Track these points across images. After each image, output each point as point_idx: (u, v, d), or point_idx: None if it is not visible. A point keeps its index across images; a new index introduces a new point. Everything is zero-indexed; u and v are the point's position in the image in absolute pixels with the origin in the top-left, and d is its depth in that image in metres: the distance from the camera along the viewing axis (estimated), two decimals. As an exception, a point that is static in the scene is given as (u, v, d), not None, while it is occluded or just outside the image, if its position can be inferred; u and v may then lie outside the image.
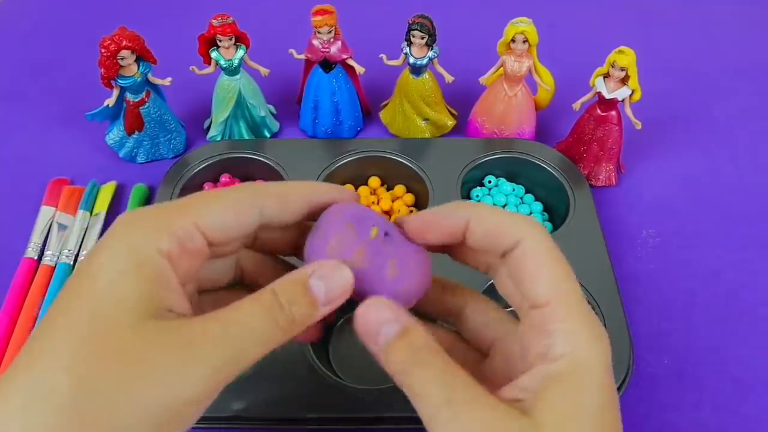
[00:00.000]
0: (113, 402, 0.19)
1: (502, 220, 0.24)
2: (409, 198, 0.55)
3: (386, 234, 0.26)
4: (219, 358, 0.21)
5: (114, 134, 0.58)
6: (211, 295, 0.28)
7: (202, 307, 0.24)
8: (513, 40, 0.53)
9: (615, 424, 0.21)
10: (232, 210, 0.24)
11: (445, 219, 0.25)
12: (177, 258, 0.23)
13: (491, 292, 0.47)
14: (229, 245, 0.25)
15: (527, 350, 0.23)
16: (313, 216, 0.27)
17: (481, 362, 0.27)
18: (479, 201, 0.55)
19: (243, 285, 0.29)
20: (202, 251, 0.24)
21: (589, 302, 0.45)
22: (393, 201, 0.55)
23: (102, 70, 0.52)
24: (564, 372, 0.21)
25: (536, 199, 0.55)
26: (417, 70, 0.56)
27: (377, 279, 0.25)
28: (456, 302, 0.26)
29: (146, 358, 0.20)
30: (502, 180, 0.56)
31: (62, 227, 0.52)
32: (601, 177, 0.57)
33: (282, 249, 0.29)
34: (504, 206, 0.54)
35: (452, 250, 0.27)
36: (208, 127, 0.61)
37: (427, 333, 0.23)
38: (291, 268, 0.28)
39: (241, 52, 0.55)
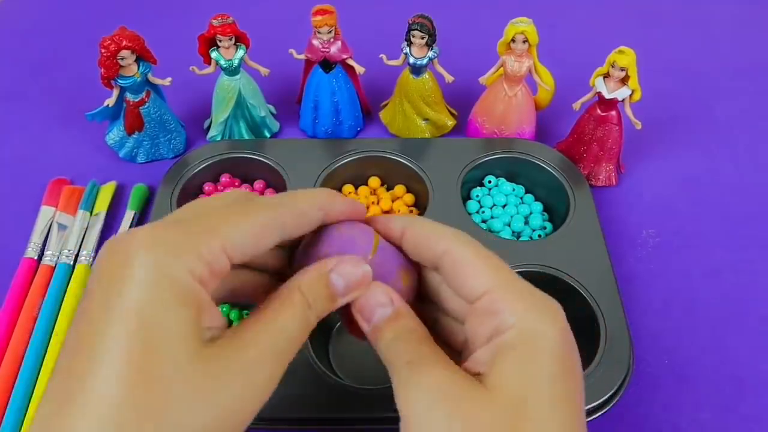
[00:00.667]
0: (164, 427, 0.20)
1: (430, 231, 0.26)
2: (409, 198, 0.55)
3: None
4: (275, 369, 0.23)
5: (114, 134, 0.58)
6: None
7: None
8: (513, 40, 0.53)
9: (570, 394, 0.22)
10: (258, 233, 0.24)
11: (383, 227, 0.27)
12: (207, 281, 0.22)
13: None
14: (250, 262, 0.26)
15: (479, 336, 0.24)
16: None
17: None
18: (479, 201, 0.55)
19: None
20: (226, 271, 0.23)
21: (589, 302, 0.45)
22: (393, 201, 0.55)
23: (102, 70, 0.52)
24: (515, 342, 0.22)
25: (536, 199, 0.55)
26: (417, 70, 0.56)
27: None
28: (434, 254, 0.27)
29: (207, 388, 0.21)
30: (502, 180, 0.56)
31: (62, 227, 0.52)
32: (601, 177, 0.57)
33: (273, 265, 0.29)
34: (504, 206, 0.54)
35: None
36: (208, 127, 0.61)
37: (417, 320, 0.25)
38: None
39: (241, 52, 0.55)
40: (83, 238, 0.52)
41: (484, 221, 0.53)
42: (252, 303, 0.29)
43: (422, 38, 0.53)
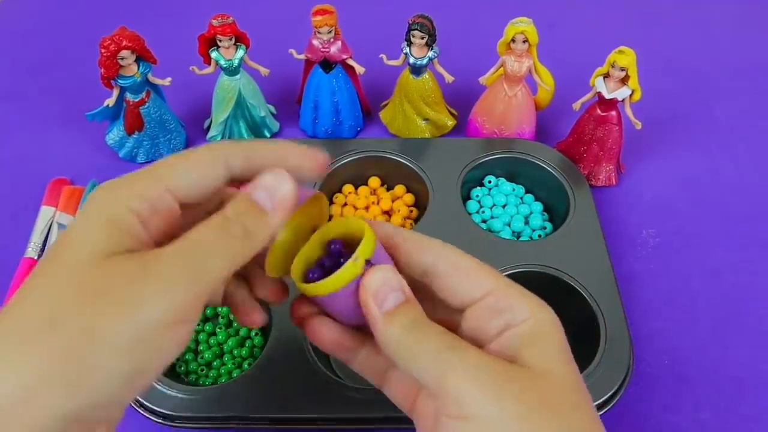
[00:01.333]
0: (85, 337, 0.21)
1: (424, 239, 0.28)
2: (409, 198, 0.55)
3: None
4: (178, 275, 0.22)
5: (114, 134, 0.58)
6: None
7: None
8: (513, 40, 0.53)
9: (574, 363, 0.26)
10: (197, 169, 0.25)
11: (381, 231, 0.28)
12: (148, 217, 0.24)
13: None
14: (203, 201, 0.26)
15: (487, 330, 0.26)
16: None
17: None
18: (479, 201, 0.55)
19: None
20: (173, 210, 0.25)
21: (589, 302, 0.45)
22: (393, 201, 0.55)
23: (102, 70, 0.52)
24: (535, 332, 0.25)
25: (536, 199, 0.55)
26: (417, 70, 0.56)
27: None
28: (428, 261, 0.27)
29: (107, 288, 0.21)
30: (502, 180, 0.56)
31: (62, 227, 0.52)
32: (601, 177, 0.57)
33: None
34: (504, 206, 0.54)
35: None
36: (208, 127, 0.61)
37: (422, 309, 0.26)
38: None
39: (241, 52, 0.55)
40: (83, 238, 0.52)
41: (484, 221, 0.53)
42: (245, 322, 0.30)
43: (422, 38, 0.53)
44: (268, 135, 0.61)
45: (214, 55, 0.55)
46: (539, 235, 0.52)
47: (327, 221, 0.29)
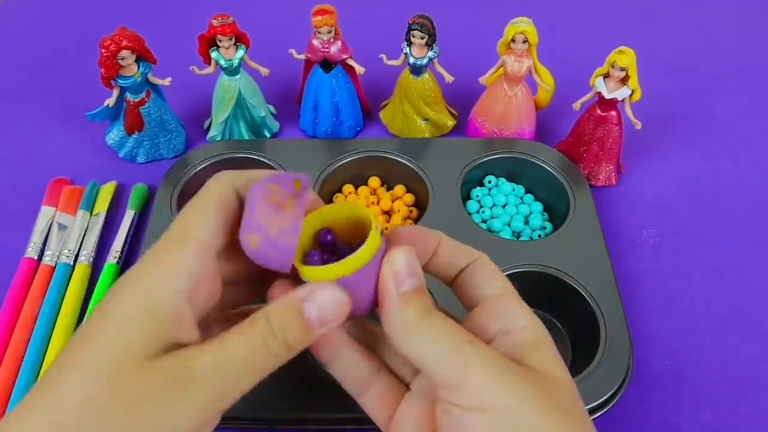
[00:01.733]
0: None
1: (461, 245, 0.29)
2: (409, 198, 0.55)
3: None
4: (210, 392, 0.23)
5: (114, 134, 0.58)
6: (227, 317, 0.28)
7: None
8: (513, 40, 0.53)
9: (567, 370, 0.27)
10: (218, 209, 0.26)
11: (425, 236, 0.29)
12: (196, 291, 0.24)
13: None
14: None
15: (486, 328, 0.27)
16: None
17: None
18: (479, 201, 0.55)
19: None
20: (216, 269, 0.25)
21: (589, 302, 0.45)
22: (393, 201, 0.55)
23: (102, 70, 0.52)
24: (535, 339, 0.26)
25: (536, 199, 0.55)
26: (417, 70, 0.56)
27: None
28: (464, 262, 0.29)
29: (142, 397, 0.22)
30: (502, 180, 0.56)
31: (62, 227, 0.52)
32: (601, 177, 0.57)
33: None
34: (504, 206, 0.54)
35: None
36: (208, 127, 0.61)
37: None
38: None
39: (241, 52, 0.55)
40: (83, 238, 0.52)
41: (484, 221, 0.53)
42: None
43: (422, 38, 0.53)
44: (268, 135, 0.61)
45: (214, 55, 0.55)
46: (539, 235, 0.52)
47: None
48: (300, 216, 0.25)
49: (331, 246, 0.27)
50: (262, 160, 0.55)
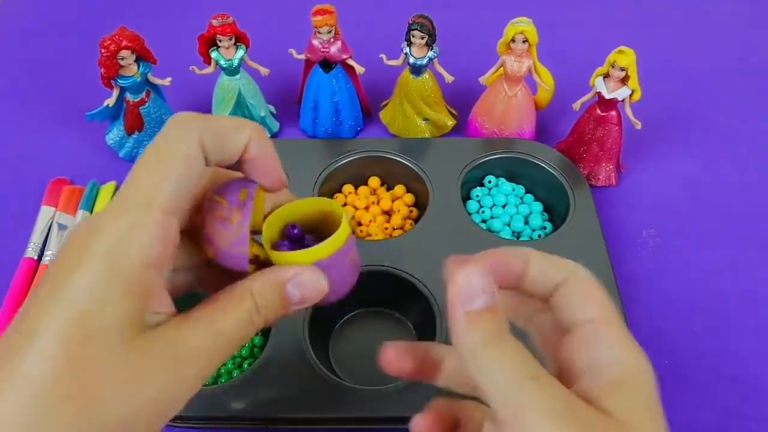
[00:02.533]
0: (88, 411, 0.20)
1: (554, 258, 0.26)
2: (409, 198, 0.55)
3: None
4: (203, 370, 0.23)
5: (114, 134, 0.58)
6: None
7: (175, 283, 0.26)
8: (513, 40, 0.53)
9: (664, 424, 0.23)
10: (180, 170, 0.24)
11: (510, 255, 0.26)
12: (164, 262, 0.23)
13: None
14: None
15: (574, 361, 0.24)
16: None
17: None
18: (479, 201, 0.55)
19: None
20: (177, 230, 0.24)
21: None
22: (393, 201, 0.55)
23: (102, 70, 0.52)
24: (625, 378, 0.23)
25: (536, 199, 0.55)
26: (417, 70, 0.56)
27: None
28: (568, 270, 0.26)
29: (134, 378, 0.21)
30: (502, 180, 0.56)
31: (62, 227, 0.52)
32: (601, 177, 0.57)
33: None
34: (504, 206, 0.54)
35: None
36: (208, 127, 0.61)
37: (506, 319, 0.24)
38: None
39: (241, 52, 0.55)
40: (83, 238, 0.52)
41: (484, 221, 0.53)
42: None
43: (422, 38, 0.53)
44: (268, 135, 0.61)
45: (214, 55, 0.55)
46: (539, 235, 0.52)
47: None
48: (245, 227, 0.25)
49: (298, 239, 0.28)
50: (262, 160, 0.55)
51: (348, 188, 0.55)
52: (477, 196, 0.55)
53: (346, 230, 0.26)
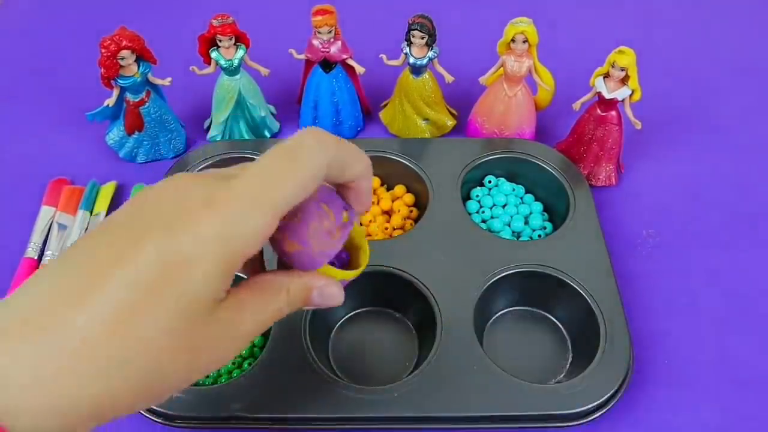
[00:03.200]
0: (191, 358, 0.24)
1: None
2: (409, 198, 0.55)
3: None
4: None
5: (114, 134, 0.58)
6: None
7: None
8: (513, 40, 0.53)
9: None
10: (305, 187, 0.26)
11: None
12: (257, 250, 0.26)
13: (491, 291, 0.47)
14: None
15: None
16: None
17: None
18: (479, 201, 0.55)
19: None
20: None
21: (589, 302, 0.45)
22: (393, 201, 0.55)
23: (102, 70, 0.52)
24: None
25: (536, 199, 0.55)
26: (417, 70, 0.56)
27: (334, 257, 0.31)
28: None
29: (199, 349, 0.25)
30: (502, 180, 0.56)
31: (62, 227, 0.52)
32: (601, 177, 0.57)
33: None
34: (504, 206, 0.54)
35: None
36: (208, 127, 0.61)
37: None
38: None
39: (241, 52, 0.55)
40: (83, 238, 0.52)
41: (484, 221, 0.53)
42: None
43: (422, 38, 0.53)
44: (268, 135, 0.61)
45: (214, 55, 0.55)
46: (539, 235, 0.52)
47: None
48: (339, 246, 0.29)
49: (343, 262, 0.33)
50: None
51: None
52: (477, 196, 0.55)
53: (366, 260, 0.33)
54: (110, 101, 0.54)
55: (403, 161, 0.55)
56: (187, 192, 0.25)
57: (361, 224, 0.53)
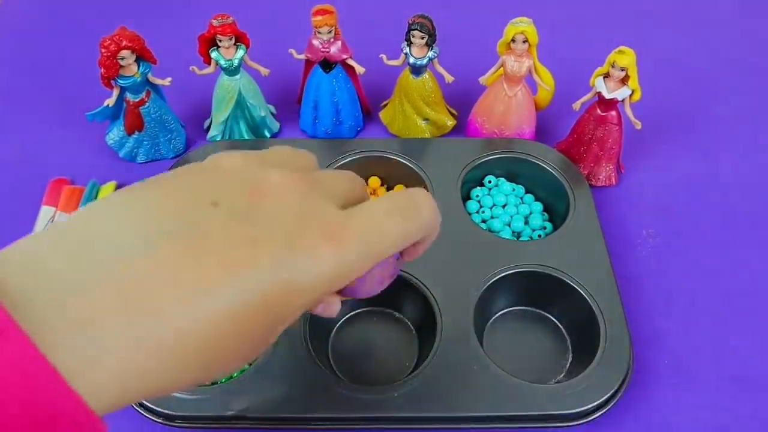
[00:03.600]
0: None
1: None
2: (409, 198, 0.55)
3: None
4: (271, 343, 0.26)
5: (114, 134, 0.58)
6: None
7: None
8: (513, 40, 0.53)
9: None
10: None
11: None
12: None
13: (491, 292, 0.47)
14: None
15: None
16: None
17: None
18: (479, 201, 0.55)
19: None
20: None
21: (589, 302, 0.45)
22: (393, 201, 0.54)
23: (102, 70, 0.52)
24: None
25: (536, 199, 0.55)
26: (417, 70, 0.56)
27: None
28: None
29: (254, 334, 0.23)
30: (502, 180, 0.56)
31: (62, 227, 0.52)
32: (601, 177, 0.57)
33: None
34: (504, 206, 0.54)
35: None
36: (208, 127, 0.61)
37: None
38: None
39: (241, 52, 0.55)
40: (83, 238, 0.52)
41: (484, 221, 0.53)
42: None
43: (422, 38, 0.53)
44: (268, 135, 0.61)
45: (214, 55, 0.55)
46: (539, 235, 0.52)
47: None
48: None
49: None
50: (262, 160, 0.55)
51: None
52: (477, 196, 0.55)
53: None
54: (110, 101, 0.54)
55: (403, 161, 0.55)
56: (306, 202, 0.24)
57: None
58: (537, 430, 0.41)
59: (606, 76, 0.52)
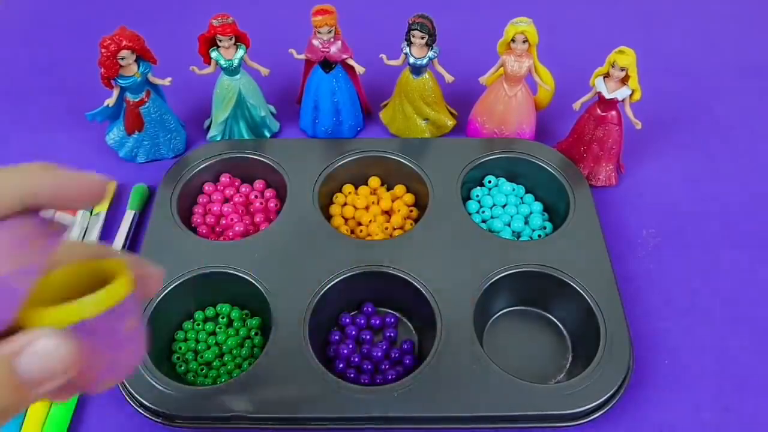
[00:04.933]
0: None
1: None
2: (409, 198, 0.55)
3: None
4: None
5: (114, 134, 0.58)
6: None
7: None
8: (513, 40, 0.53)
9: None
10: None
11: None
12: None
13: (490, 292, 0.47)
14: None
15: None
16: None
17: None
18: (479, 201, 0.55)
19: None
20: None
21: (589, 302, 0.45)
22: (393, 201, 0.55)
23: (102, 70, 0.52)
24: None
25: (536, 199, 0.55)
26: (417, 70, 0.56)
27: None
28: None
29: None
30: (502, 180, 0.56)
31: (62, 227, 0.52)
32: (601, 177, 0.57)
33: None
34: (504, 206, 0.54)
35: None
36: (208, 127, 0.61)
37: None
38: None
39: (241, 52, 0.55)
40: (83, 239, 0.52)
41: (484, 221, 0.53)
42: None
43: (422, 38, 0.53)
44: (268, 135, 0.61)
45: (214, 55, 0.55)
46: (539, 235, 0.52)
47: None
48: (45, 257, 0.20)
49: None
50: (262, 160, 0.55)
51: (348, 188, 0.55)
52: (477, 196, 0.55)
53: (122, 288, 0.21)
54: (110, 101, 0.54)
55: (403, 161, 0.55)
56: None
57: (360, 224, 0.53)
58: (537, 430, 0.41)
59: (606, 76, 0.52)
